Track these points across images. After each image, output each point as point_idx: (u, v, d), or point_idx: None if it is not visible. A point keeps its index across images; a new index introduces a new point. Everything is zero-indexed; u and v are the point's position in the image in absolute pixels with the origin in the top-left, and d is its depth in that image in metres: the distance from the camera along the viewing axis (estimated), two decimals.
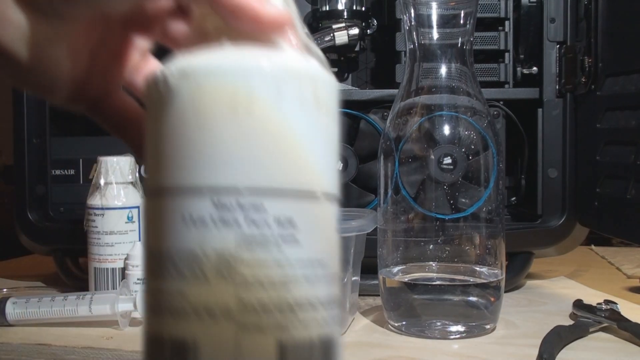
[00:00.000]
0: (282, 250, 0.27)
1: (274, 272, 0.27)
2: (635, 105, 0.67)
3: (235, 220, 0.26)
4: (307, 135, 0.28)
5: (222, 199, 0.27)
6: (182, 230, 0.27)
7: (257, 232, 0.26)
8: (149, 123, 0.29)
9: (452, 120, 0.60)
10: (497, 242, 0.60)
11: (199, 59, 0.28)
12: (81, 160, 0.82)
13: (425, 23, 0.60)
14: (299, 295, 0.27)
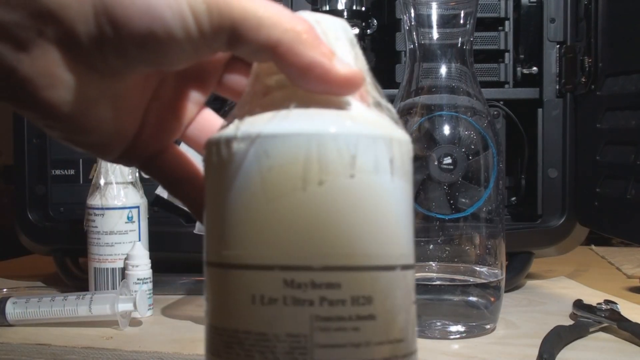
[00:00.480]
0: (360, 330, 0.25)
1: (351, 354, 0.25)
2: (635, 105, 0.67)
3: (310, 301, 0.24)
4: (383, 205, 0.26)
5: (296, 279, 0.25)
6: (251, 311, 0.25)
7: (333, 312, 0.25)
8: (210, 187, 0.27)
9: (452, 120, 0.60)
10: (497, 242, 0.60)
11: (265, 124, 0.25)
12: (81, 160, 0.82)
13: (425, 23, 0.60)
14: None
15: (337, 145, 0.25)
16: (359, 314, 0.25)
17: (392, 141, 0.26)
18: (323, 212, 0.25)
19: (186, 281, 0.77)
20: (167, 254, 0.76)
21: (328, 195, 0.25)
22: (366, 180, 0.25)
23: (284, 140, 0.25)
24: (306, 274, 0.25)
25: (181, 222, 0.79)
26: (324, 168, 0.25)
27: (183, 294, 0.76)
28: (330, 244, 0.25)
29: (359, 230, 0.25)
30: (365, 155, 0.25)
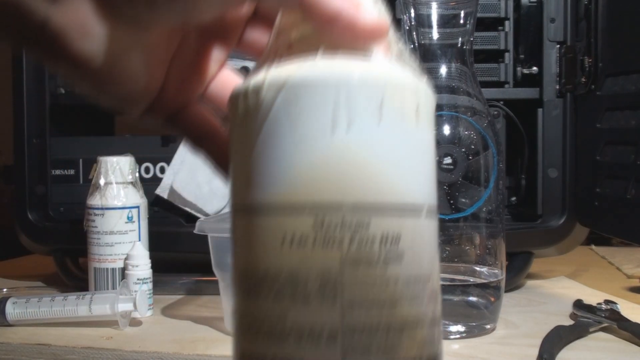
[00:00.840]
0: (388, 268, 0.26)
1: (380, 291, 0.25)
2: (635, 105, 0.67)
3: (340, 240, 0.25)
4: (409, 149, 0.27)
5: (326, 218, 0.25)
6: (281, 251, 0.26)
7: (363, 251, 0.25)
8: (236, 137, 0.28)
9: (452, 120, 0.60)
10: (497, 242, 0.60)
11: (295, 71, 0.26)
12: (81, 160, 0.82)
13: (425, 23, 0.60)
14: (406, 314, 0.26)
15: (365, 91, 0.26)
16: (387, 252, 0.25)
17: (417, 89, 0.27)
18: (352, 154, 0.25)
19: (186, 281, 0.77)
20: (167, 254, 0.76)
21: (356, 138, 0.25)
22: (393, 125, 0.26)
23: (313, 87, 0.25)
24: (336, 213, 0.25)
25: (181, 222, 0.79)
26: (352, 113, 0.25)
27: (183, 294, 0.76)
28: (360, 184, 0.25)
29: (387, 172, 0.26)
30: (392, 102, 0.26)
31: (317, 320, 0.25)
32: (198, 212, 0.78)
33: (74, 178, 0.82)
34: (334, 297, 0.25)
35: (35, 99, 0.80)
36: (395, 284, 0.26)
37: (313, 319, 0.25)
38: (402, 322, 0.26)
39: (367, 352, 0.25)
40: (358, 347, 0.25)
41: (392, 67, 0.28)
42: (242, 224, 0.28)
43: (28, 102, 0.80)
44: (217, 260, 0.60)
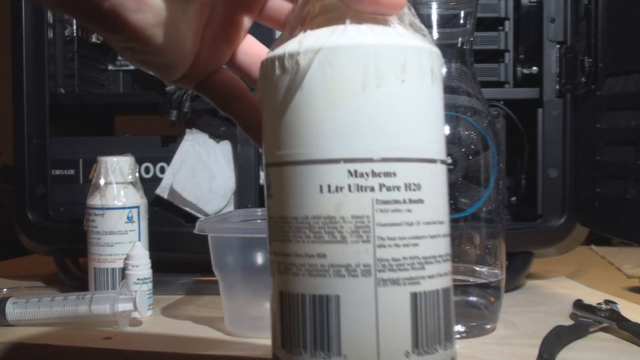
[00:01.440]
0: (412, 211, 0.30)
1: (406, 231, 0.30)
2: (635, 105, 0.67)
3: (371, 187, 0.30)
4: (427, 107, 0.31)
5: (359, 169, 0.30)
6: (319, 198, 0.30)
7: (390, 196, 0.30)
8: (271, 98, 0.31)
9: (452, 120, 0.60)
10: (497, 242, 0.60)
11: (327, 38, 0.30)
12: (81, 160, 0.82)
13: (425, 23, 0.60)
14: (427, 251, 0.31)
15: (390, 54, 0.30)
16: (410, 198, 0.30)
17: (431, 53, 0.32)
18: (381, 111, 0.30)
19: (186, 281, 0.77)
20: (167, 254, 0.76)
21: (384, 97, 0.30)
22: (414, 85, 0.31)
23: (346, 51, 0.30)
24: (367, 164, 0.30)
25: (181, 222, 0.79)
26: (380, 74, 0.30)
27: (183, 294, 0.76)
28: (388, 138, 0.30)
29: (410, 127, 0.31)
30: (413, 64, 0.30)
31: (353, 256, 0.30)
32: (198, 212, 0.78)
33: (74, 178, 0.82)
34: (367, 238, 0.30)
35: (35, 99, 0.80)
36: (417, 224, 0.31)
37: (349, 256, 0.30)
38: (424, 257, 0.31)
39: (396, 284, 0.30)
40: (388, 280, 0.30)
41: (410, 34, 0.32)
42: (280, 176, 0.31)
43: (28, 102, 0.80)
44: (217, 260, 0.60)
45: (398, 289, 0.30)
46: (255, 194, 0.78)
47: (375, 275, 0.30)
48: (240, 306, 0.60)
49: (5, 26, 0.81)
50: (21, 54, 0.80)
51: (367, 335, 0.30)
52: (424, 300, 0.31)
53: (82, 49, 0.86)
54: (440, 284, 0.31)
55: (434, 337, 0.31)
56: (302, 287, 0.31)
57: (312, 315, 0.30)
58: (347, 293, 0.30)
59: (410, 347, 0.30)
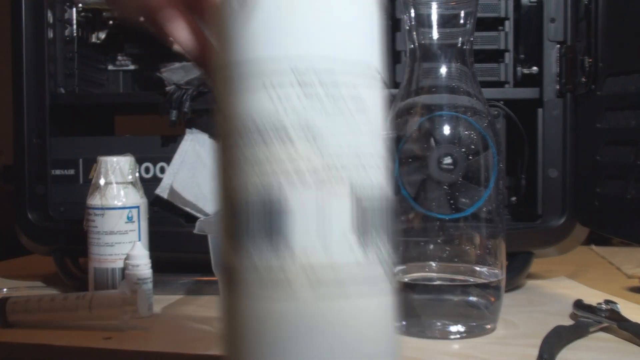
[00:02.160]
0: (355, 117, 0.33)
1: (349, 136, 0.33)
2: (635, 105, 0.67)
3: (318, 95, 0.32)
4: (366, 17, 0.35)
5: (300, 67, 0.32)
6: (264, 97, 0.32)
7: (337, 103, 0.32)
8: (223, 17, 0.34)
9: (452, 120, 0.60)
10: (497, 242, 0.60)
11: None
12: (81, 160, 0.82)
13: (425, 23, 0.60)
14: (367, 152, 0.33)
15: None
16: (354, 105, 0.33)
17: None
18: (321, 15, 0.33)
19: (186, 281, 0.77)
20: (167, 254, 0.76)
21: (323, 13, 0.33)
22: None
23: None
24: (309, 62, 0.32)
25: (181, 222, 0.79)
26: None
27: (183, 294, 0.76)
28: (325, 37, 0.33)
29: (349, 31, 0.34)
30: None
31: (302, 160, 0.32)
32: (198, 212, 0.78)
33: (74, 178, 0.82)
34: (314, 141, 0.32)
35: (35, 99, 0.80)
36: (359, 131, 0.33)
37: (298, 159, 0.32)
38: (364, 158, 0.33)
39: (340, 182, 0.32)
40: (332, 179, 0.32)
41: None
42: (226, 78, 0.33)
43: (28, 102, 0.80)
44: (217, 260, 0.60)
45: (342, 187, 0.32)
46: None
47: (322, 176, 0.32)
48: None
49: (5, 26, 0.81)
50: (21, 54, 0.80)
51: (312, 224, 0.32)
52: (363, 193, 0.33)
53: (82, 49, 0.86)
54: (378, 180, 0.34)
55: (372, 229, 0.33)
56: (250, 187, 0.32)
57: (262, 209, 0.32)
58: (294, 194, 0.32)
59: (351, 236, 0.32)
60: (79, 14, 0.85)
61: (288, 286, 0.31)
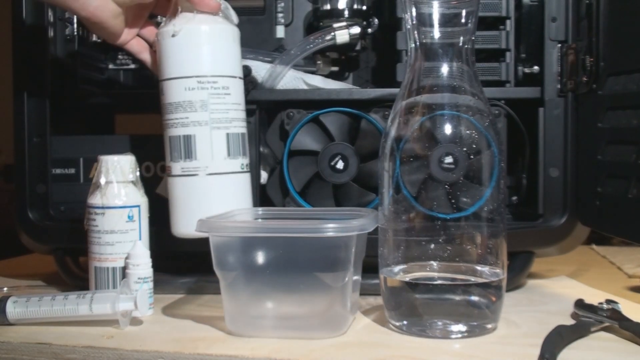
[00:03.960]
0: (225, 97, 0.69)
1: (222, 106, 0.69)
2: (636, 105, 0.67)
3: (207, 87, 0.68)
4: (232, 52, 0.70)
5: (201, 80, 0.67)
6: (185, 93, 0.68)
7: (215, 92, 0.68)
8: (162, 49, 0.69)
9: (453, 119, 0.60)
10: (498, 242, 0.60)
11: (184, 23, 0.68)
12: (82, 159, 0.82)
13: (427, 22, 0.60)
14: (233, 115, 0.70)
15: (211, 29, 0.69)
16: (225, 92, 0.68)
17: (232, 27, 0.70)
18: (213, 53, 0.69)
19: (187, 280, 0.77)
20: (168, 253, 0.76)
21: (212, 47, 0.69)
22: (222, 43, 0.69)
23: (194, 29, 0.68)
24: (204, 77, 0.68)
25: None
26: (205, 38, 0.68)
27: (183, 293, 0.76)
28: (214, 65, 0.68)
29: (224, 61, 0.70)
30: (221, 34, 0.69)
31: (201, 116, 0.68)
32: None
33: (74, 177, 0.82)
34: (206, 108, 0.68)
35: (36, 98, 0.80)
36: (228, 104, 0.69)
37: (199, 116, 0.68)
38: (232, 118, 0.69)
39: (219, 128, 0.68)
40: (215, 127, 0.69)
41: (221, 20, 0.69)
42: (168, 85, 0.68)
43: (28, 101, 0.80)
44: (218, 260, 0.60)
45: (220, 131, 0.68)
46: (256, 193, 0.78)
47: (210, 125, 0.68)
48: (241, 305, 0.60)
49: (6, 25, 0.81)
50: (22, 53, 0.80)
51: (207, 148, 0.68)
52: (231, 136, 0.69)
53: (83, 47, 0.86)
54: (239, 130, 0.70)
55: (237, 152, 0.69)
56: (179, 132, 0.68)
57: (184, 143, 0.68)
58: (198, 133, 0.68)
59: (225, 154, 0.68)
60: None
61: (195, 173, 0.68)
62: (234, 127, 0.69)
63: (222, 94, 0.68)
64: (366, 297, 0.71)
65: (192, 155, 0.67)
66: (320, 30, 0.80)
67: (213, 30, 0.68)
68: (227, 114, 0.68)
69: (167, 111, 0.69)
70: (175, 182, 0.69)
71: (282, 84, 0.79)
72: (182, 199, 0.69)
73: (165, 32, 0.68)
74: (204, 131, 0.67)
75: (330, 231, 0.56)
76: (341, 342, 0.57)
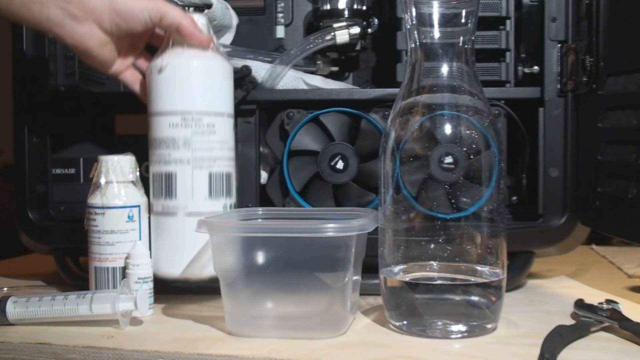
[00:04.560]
0: (210, 135, 0.67)
1: (207, 145, 0.67)
2: (636, 105, 0.67)
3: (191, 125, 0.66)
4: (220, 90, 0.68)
5: (186, 116, 0.66)
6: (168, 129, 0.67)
7: (200, 129, 0.66)
8: (151, 82, 0.68)
9: (453, 119, 0.60)
10: (498, 242, 0.60)
11: (173, 57, 0.67)
12: (82, 159, 0.82)
13: (427, 22, 0.60)
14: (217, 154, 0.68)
15: (199, 65, 0.67)
16: (209, 130, 0.67)
17: (223, 63, 0.68)
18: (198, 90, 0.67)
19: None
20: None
21: (199, 84, 0.67)
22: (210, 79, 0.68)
23: (180, 64, 0.67)
24: (189, 114, 0.66)
25: None
26: (193, 74, 0.67)
27: (184, 293, 0.76)
28: (199, 102, 0.67)
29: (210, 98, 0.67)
30: (211, 69, 0.67)
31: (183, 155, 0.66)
32: None
33: (74, 177, 0.82)
34: (189, 146, 0.66)
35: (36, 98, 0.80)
36: (213, 142, 0.67)
37: (181, 155, 0.66)
38: (215, 157, 0.67)
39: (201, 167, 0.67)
40: (198, 165, 0.66)
41: (213, 55, 0.68)
42: (154, 120, 0.68)
43: (28, 101, 0.80)
44: (218, 260, 0.60)
45: (202, 170, 0.66)
46: (256, 193, 0.78)
47: (192, 163, 0.66)
48: (240, 305, 0.60)
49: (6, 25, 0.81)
50: (22, 53, 0.80)
51: (188, 188, 0.66)
52: (214, 175, 0.67)
53: None
54: (224, 170, 0.68)
55: (220, 192, 0.67)
56: (161, 169, 0.67)
57: (165, 181, 0.66)
58: (180, 172, 0.66)
59: (207, 194, 0.67)
60: None
61: (174, 212, 0.66)
62: (217, 166, 0.67)
63: (207, 132, 0.66)
64: (366, 297, 0.71)
65: (172, 194, 0.66)
66: (320, 30, 0.80)
67: (200, 66, 0.66)
68: (211, 153, 0.66)
69: (151, 146, 0.67)
70: (156, 220, 0.68)
71: (282, 84, 0.79)
72: (161, 238, 0.68)
73: (154, 67, 0.67)
74: (185, 170, 0.65)
75: (330, 231, 0.56)
76: (341, 342, 0.57)
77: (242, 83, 0.76)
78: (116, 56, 0.70)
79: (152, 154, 0.67)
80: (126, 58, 0.71)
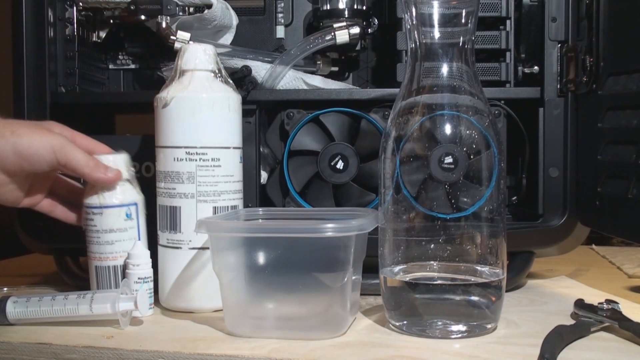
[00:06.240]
0: (215, 170, 0.67)
1: (211, 179, 0.67)
2: (636, 105, 0.67)
3: (195, 159, 0.66)
4: (226, 123, 0.67)
5: (190, 151, 0.65)
6: (174, 163, 0.67)
7: (204, 163, 0.66)
8: (158, 116, 0.68)
9: (453, 119, 0.60)
10: (498, 242, 0.60)
11: (180, 91, 0.67)
12: None
13: (427, 22, 0.60)
14: (222, 187, 0.67)
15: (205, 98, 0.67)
16: (214, 164, 0.66)
17: (229, 97, 0.68)
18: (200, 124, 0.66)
19: None
20: None
21: (202, 118, 0.66)
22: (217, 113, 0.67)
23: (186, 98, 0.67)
24: (194, 149, 0.66)
25: None
26: (199, 108, 0.66)
27: None
28: (202, 137, 0.66)
29: (214, 132, 0.67)
30: (218, 103, 0.67)
31: (188, 189, 0.66)
32: None
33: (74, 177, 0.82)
34: (193, 180, 0.66)
35: (36, 98, 0.80)
36: (217, 176, 0.67)
37: (186, 189, 0.66)
38: (220, 190, 0.67)
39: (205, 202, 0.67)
40: (202, 200, 0.67)
41: (223, 88, 0.68)
42: (161, 153, 0.68)
43: (29, 101, 0.80)
44: (218, 260, 0.60)
45: (207, 205, 0.66)
46: (256, 193, 0.78)
47: (197, 198, 0.66)
48: (240, 306, 0.60)
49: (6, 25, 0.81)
50: (22, 53, 0.80)
51: (192, 222, 0.65)
52: (219, 210, 0.67)
53: (83, 47, 0.86)
54: (230, 203, 0.68)
55: None
56: (166, 202, 0.67)
57: (170, 214, 0.67)
58: (184, 205, 0.66)
59: None
60: (80, 12, 0.84)
61: (179, 246, 0.67)
62: (222, 200, 0.66)
63: (212, 166, 0.66)
64: (366, 297, 0.71)
65: (177, 228, 0.66)
66: (320, 31, 0.80)
67: (205, 99, 0.65)
68: (216, 187, 0.66)
69: (158, 178, 0.68)
70: (161, 252, 0.68)
71: (282, 84, 0.79)
72: (166, 271, 0.68)
73: (160, 99, 0.66)
74: (189, 204, 0.66)
75: (329, 231, 0.56)
76: (341, 342, 0.57)
77: (242, 83, 0.76)
78: (22, 194, 0.68)
79: (158, 186, 0.68)
80: (37, 192, 0.70)
